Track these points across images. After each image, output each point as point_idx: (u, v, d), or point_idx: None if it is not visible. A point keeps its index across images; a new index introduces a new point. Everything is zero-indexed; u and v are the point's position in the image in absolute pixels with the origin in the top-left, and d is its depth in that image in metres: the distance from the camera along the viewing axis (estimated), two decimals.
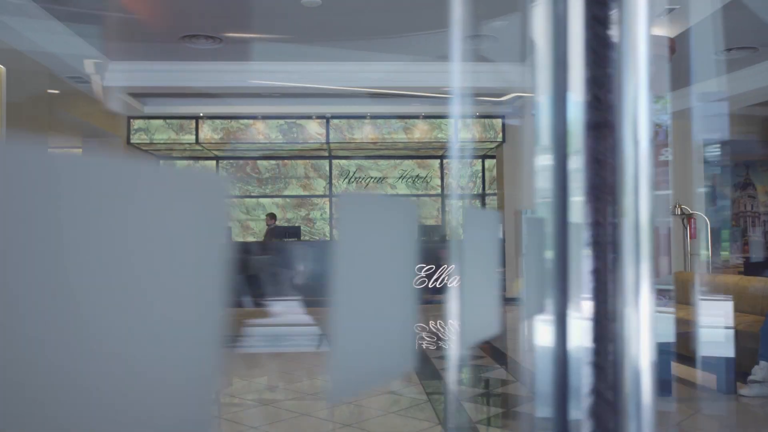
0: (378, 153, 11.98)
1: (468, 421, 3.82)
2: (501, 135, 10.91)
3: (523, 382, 4.82)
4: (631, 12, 0.67)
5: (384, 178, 12.33)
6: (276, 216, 11.38)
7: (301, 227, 11.09)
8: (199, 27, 7.27)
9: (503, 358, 5.85)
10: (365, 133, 10.78)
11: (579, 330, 0.67)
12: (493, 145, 11.30)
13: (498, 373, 5.27)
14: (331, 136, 10.78)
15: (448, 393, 4.55)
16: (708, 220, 11.09)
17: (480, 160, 12.47)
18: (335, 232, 0.57)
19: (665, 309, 4.64)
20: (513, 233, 10.89)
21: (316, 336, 7.06)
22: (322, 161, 12.26)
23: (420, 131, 10.82)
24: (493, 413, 4.31)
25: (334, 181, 12.27)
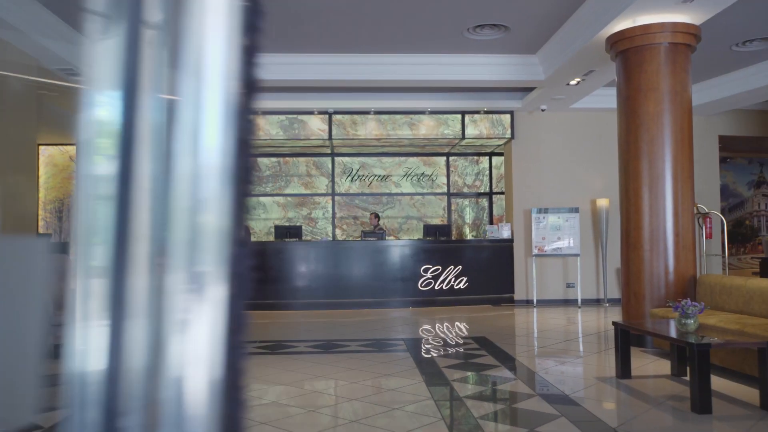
0: (382, 150, 11.60)
1: None
2: (510, 131, 10.52)
3: None
4: None
5: (388, 175, 11.95)
6: None
7: (302, 227, 10.72)
8: None
9: None
10: (369, 129, 10.40)
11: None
12: (501, 142, 10.92)
13: None
14: (334, 132, 10.40)
15: None
16: (724, 219, 10.71)
17: (487, 157, 12.09)
18: None
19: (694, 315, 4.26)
20: (523, 233, 10.51)
21: None
22: (324, 158, 11.89)
23: (426, 127, 10.44)
24: None
25: (336, 179, 11.89)
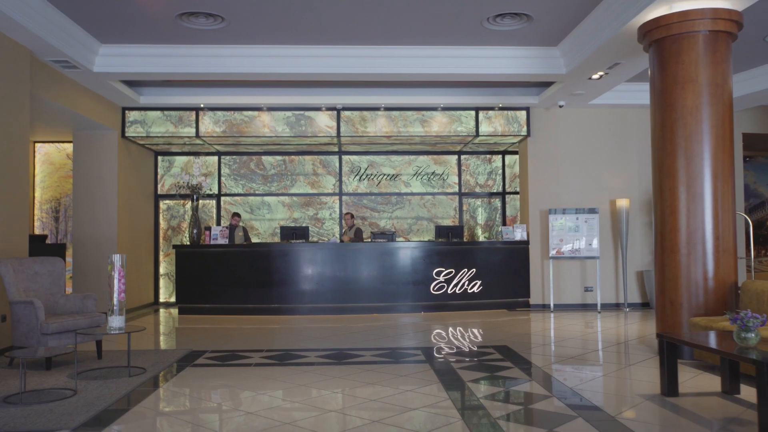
0: (392, 148, 11.18)
1: None
2: (525, 128, 10.09)
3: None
4: None
5: (397, 175, 11.52)
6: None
7: (309, 227, 10.28)
8: (199, 2, 6.47)
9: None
10: (379, 126, 9.97)
11: None
12: (516, 140, 10.48)
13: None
14: (342, 129, 9.97)
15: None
16: (750, 220, 10.27)
17: (500, 155, 11.65)
18: None
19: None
20: (539, 234, 10.07)
21: None
22: (331, 156, 11.46)
23: (438, 124, 10.01)
24: None
25: (344, 178, 11.46)
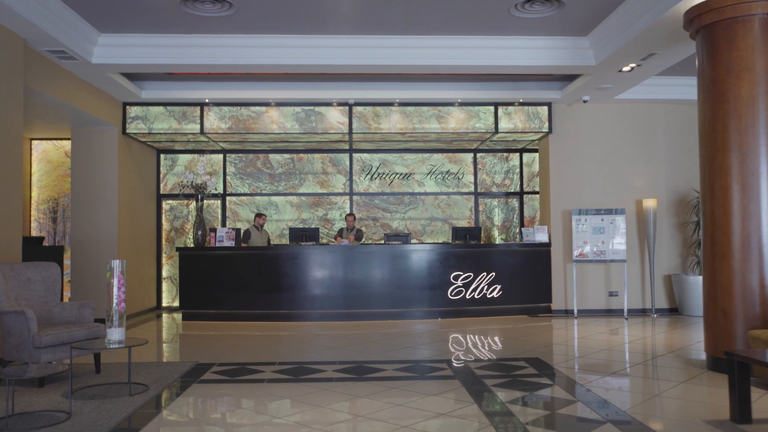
0: (406, 146, 10.68)
1: None
2: (547, 124, 9.59)
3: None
4: None
5: (411, 173, 11.03)
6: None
7: (319, 229, 9.79)
8: None
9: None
10: (393, 123, 9.47)
11: None
12: (537, 137, 9.98)
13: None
14: (354, 125, 9.48)
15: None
16: None
17: (518, 153, 11.16)
18: None
19: None
20: (561, 236, 9.57)
21: None
22: (341, 155, 10.97)
23: (455, 120, 9.52)
24: None
25: (354, 177, 10.97)
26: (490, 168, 11.15)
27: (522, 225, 11.08)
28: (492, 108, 9.53)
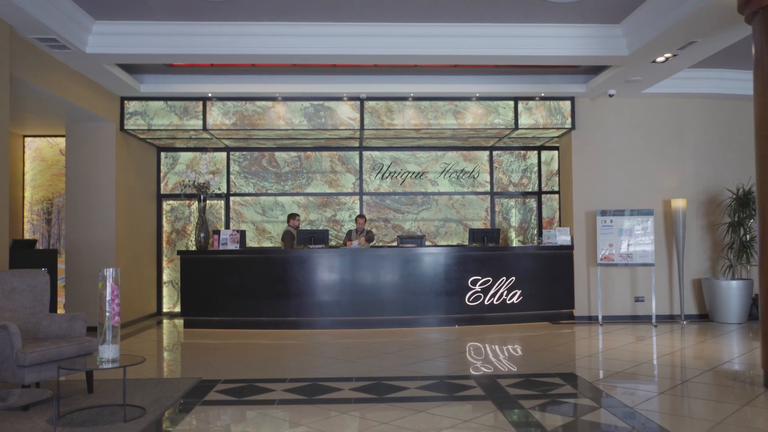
0: (420, 143, 10.14)
1: None
2: (570, 120, 9.05)
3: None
4: None
5: (423, 172, 10.50)
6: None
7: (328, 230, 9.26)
8: None
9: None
10: (407, 118, 8.94)
11: None
12: (558, 133, 9.44)
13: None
14: (366, 121, 8.94)
15: None
16: None
17: (536, 151, 10.62)
18: None
19: None
20: (584, 239, 9.03)
21: None
22: (351, 153, 10.44)
23: (473, 115, 8.98)
24: None
25: (364, 176, 10.45)
26: (506, 166, 10.62)
27: (540, 226, 10.55)
28: (512, 103, 9.00)
